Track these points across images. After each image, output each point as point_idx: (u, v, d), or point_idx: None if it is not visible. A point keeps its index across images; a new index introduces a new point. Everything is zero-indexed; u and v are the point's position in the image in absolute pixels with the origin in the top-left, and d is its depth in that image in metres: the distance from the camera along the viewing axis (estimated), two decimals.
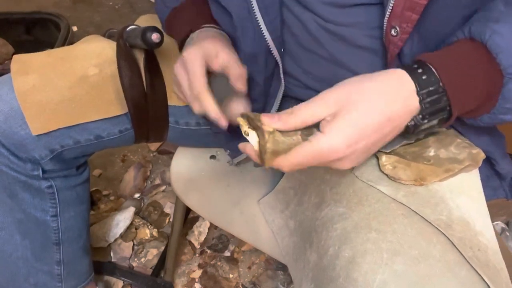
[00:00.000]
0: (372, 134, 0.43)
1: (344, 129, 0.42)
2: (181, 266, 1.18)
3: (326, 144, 0.42)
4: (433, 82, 0.43)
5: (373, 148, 0.46)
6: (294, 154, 0.44)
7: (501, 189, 0.64)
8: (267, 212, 0.69)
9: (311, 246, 0.54)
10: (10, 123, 0.63)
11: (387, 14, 0.50)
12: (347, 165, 0.45)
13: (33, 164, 0.68)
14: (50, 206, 0.75)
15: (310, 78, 0.64)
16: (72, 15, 2.02)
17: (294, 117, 0.44)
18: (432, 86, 0.43)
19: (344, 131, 0.42)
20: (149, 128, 0.71)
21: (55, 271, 0.82)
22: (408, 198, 0.51)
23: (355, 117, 0.42)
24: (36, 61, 0.66)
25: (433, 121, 0.45)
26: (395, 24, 0.50)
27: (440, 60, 0.45)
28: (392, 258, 0.44)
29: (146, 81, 0.67)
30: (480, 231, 0.49)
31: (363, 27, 0.56)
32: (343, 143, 0.42)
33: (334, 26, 0.57)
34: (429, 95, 0.44)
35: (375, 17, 0.55)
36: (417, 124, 0.45)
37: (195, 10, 0.65)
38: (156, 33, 0.60)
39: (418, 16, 0.48)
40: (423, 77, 0.44)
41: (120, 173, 1.41)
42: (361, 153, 0.44)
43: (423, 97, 0.43)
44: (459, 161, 0.53)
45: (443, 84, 0.43)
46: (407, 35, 0.50)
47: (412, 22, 0.48)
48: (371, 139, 0.43)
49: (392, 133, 0.45)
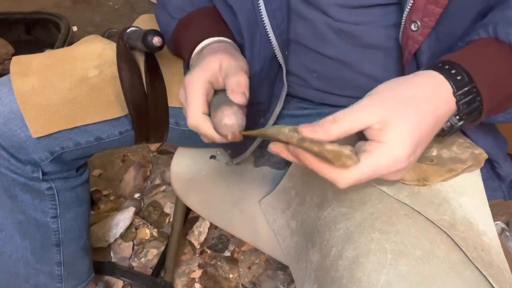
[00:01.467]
0: (425, 140, 0.42)
1: (404, 138, 0.40)
2: (181, 266, 1.18)
3: (390, 155, 0.40)
4: (468, 83, 0.43)
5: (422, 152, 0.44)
6: (354, 171, 0.40)
7: (499, 190, 0.64)
8: (268, 212, 0.69)
9: (313, 246, 0.54)
10: (10, 125, 0.63)
11: (408, 8, 0.49)
12: (400, 175, 0.43)
13: (33, 166, 0.68)
14: (50, 208, 0.75)
15: (314, 78, 0.63)
16: (72, 15, 2.02)
17: (337, 126, 0.40)
18: (467, 87, 0.43)
19: (405, 140, 0.40)
20: (149, 130, 0.71)
21: (55, 271, 0.81)
22: (411, 198, 0.50)
23: (411, 125, 0.40)
24: (35, 63, 0.66)
25: (467, 122, 0.45)
26: (416, 18, 0.49)
27: (469, 61, 0.44)
28: (396, 258, 0.44)
29: (146, 83, 0.67)
30: (484, 231, 0.49)
31: (377, 26, 0.56)
32: (406, 153, 0.40)
33: (345, 24, 0.56)
34: (465, 95, 0.43)
35: (390, 16, 0.54)
36: (452, 125, 0.45)
37: (206, 21, 0.62)
38: (158, 36, 0.59)
39: (441, 9, 0.47)
40: (458, 77, 0.43)
41: (120, 173, 1.41)
42: (414, 161, 0.43)
43: (460, 98, 0.43)
44: (462, 161, 0.53)
45: (477, 85, 0.43)
46: (429, 29, 0.49)
47: (435, 16, 0.48)
48: (424, 145, 0.42)
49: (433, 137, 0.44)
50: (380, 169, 0.40)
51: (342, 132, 0.40)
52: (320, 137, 0.39)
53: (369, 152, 0.40)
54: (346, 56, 0.59)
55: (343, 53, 0.59)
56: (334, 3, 0.55)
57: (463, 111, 0.44)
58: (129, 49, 0.66)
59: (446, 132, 0.46)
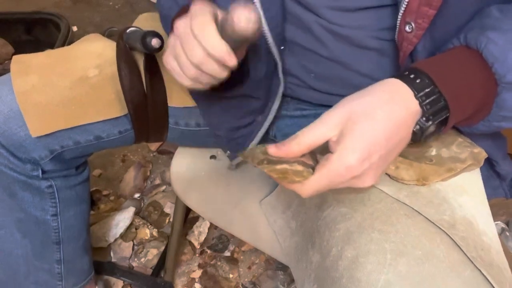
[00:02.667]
0: (384, 145, 0.42)
1: (353, 145, 0.41)
2: (181, 266, 1.18)
3: (340, 164, 0.41)
4: (428, 84, 0.43)
5: (389, 159, 0.45)
6: (311, 183, 0.43)
7: (500, 189, 0.64)
8: (269, 212, 0.69)
9: (313, 247, 0.54)
10: (10, 124, 0.63)
11: (402, 10, 0.49)
12: (367, 181, 0.44)
13: (32, 164, 0.68)
14: (50, 206, 0.75)
15: (312, 78, 0.63)
16: (72, 15, 2.01)
17: (298, 143, 0.43)
18: (427, 88, 0.43)
19: (354, 147, 0.41)
20: (149, 129, 0.71)
21: (55, 269, 0.82)
22: (410, 198, 0.50)
23: (361, 132, 0.42)
24: (36, 62, 0.66)
25: (436, 122, 0.45)
26: (410, 20, 0.49)
27: (432, 65, 0.45)
28: (396, 258, 0.44)
29: (146, 82, 0.67)
30: (483, 231, 0.49)
31: (371, 29, 0.56)
32: (355, 160, 0.41)
33: (339, 27, 0.56)
34: (427, 96, 0.43)
35: (385, 19, 0.54)
36: (422, 127, 0.45)
37: None
38: (156, 38, 0.59)
39: (435, 11, 0.47)
40: (417, 80, 0.44)
41: (120, 173, 1.41)
42: (377, 166, 0.44)
43: (422, 100, 0.43)
44: (461, 161, 0.53)
45: (437, 85, 0.43)
46: (422, 31, 0.49)
47: (428, 17, 0.48)
48: (383, 150, 0.43)
49: (403, 141, 0.45)
50: (335, 177, 0.42)
51: (304, 147, 0.43)
52: (284, 154, 0.43)
53: (323, 165, 0.42)
54: (342, 57, 0.59)
55: (339, 54, 0.59)
56: (327, 6, 0.55)
57: (428, 112, 0.44)
58: (129, 49, 0.66)
59: (418, 135, 0.45)
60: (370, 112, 0.42)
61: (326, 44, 0.58)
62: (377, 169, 0.44)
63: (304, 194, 0.44)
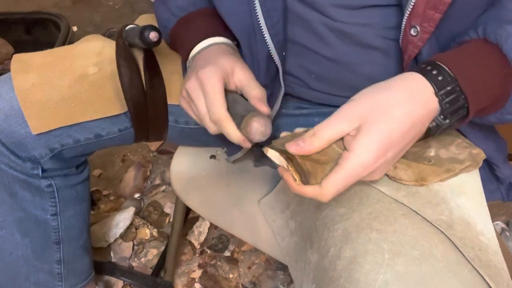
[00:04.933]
0: (398, 143, 0.43)
1: (370, 144, 0.42)
2: (181, 266, 1.18)
3: (357, 163, 0.42)
4: (450, 82, 0.43)
5: (401, 153, 0.46)
6: (330, 183, 0.43)
7: (498, 192, 0.64)
8: (268, 212, 0.69)
9: (312, 247, 0.54)
10: (10, 122, 0.63)
11: (407, 14, 0.49)
12: (377, 175, 0.45)
13: (32, 163, 0.68)
14: (50, 205, 0.75)
15: (312, 78, 0.63)
16: (72, 15, 2.01)
17: (318, 139, 0.44)
18: (449, 86, 0.43)
19: (371, 146, 0.42)
20: (148, 127, 0.71)
21: (55, 270, 0.82)
22: (409, 198, 0.50)
23: (379, 131, 0.42)
24: (36, 60, 0.66)
25: (453, 120, 0.45)
26: (415, 23, 0.49)
27: (454, 61, 0.44)
28: (394, 258, 0.44)
29: (145, 80, 0.67)
30: (481, 231, 0.49)
31: (377, 27, 0.55)
32: (372, 158, 0.42)
33: (344, 25, 0.56)
34: (448, 94, 0.43)
35: (391, 18, 0.54)
36: (439, 125, 0.45)
37: (206, 21, 0.63)
38: (154, 31, 0.59)
39: (441, 15, 0.47)
40: (439, 77, 0.43)
41: (120, 173, 1.41)
42: (390, 161, 0.45)
43: (442, 98, 0.43)
44: (460, 161, 0.53)
45: (460, 83, 0.43)
46: (428, 35, 0.49)
47: (434, 21, 0.48)
48: (398, 148, 0.44)
49: (416, 137, 0.45)
50: (351, 176, 0.43)
51: (323, 143, 0.44)
52: (304, 151, 0.44)
53: (340, 165, 0.43)
54: (345, 57, 0.59)
55: (342, 54, 0.59)
56: (332, 4, 0.55)
57: (447, 110, 0.44)
58: (128, 46, 0.66)
59: (433, 131, 0.46)
60: (389, 111, 0.42)
61: (330, 43, 0.58)
62: (389, 164, 0.45)
63: (324, 199, 0.44)
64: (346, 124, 0.43)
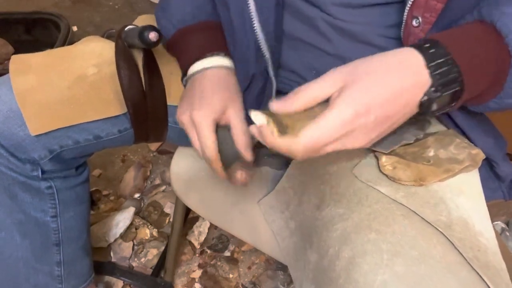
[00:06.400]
0: (383, 106, 0.42)
1: (351, 101, 0.41)
2: (181, 266, 1.18)
3: (336, 116, 0.41)
4: (442, 55, 0.43)
5: (386, 124, 0.44)
6: (305, 134, 0.42)
7: (499, 191, 0.64)
8: (267, 212, 0.69)
9: (311, 247, 0.54)
10: (9, 123, 0.63)
11: (409, 4, 0.49)
12: (358, 141, 0.44)
13: (32, 164, 0.68)
14: (50, 207, 0.75)
15: (313, 75, 0.63)
16: (72, 15, 2.01)
17: (300, 97, 0.44)
18: (441, 59, 0.43)
19: (351, 102, 0.41)
20: (148, 128, 0.71)
21: (56, 271, 0.82)
22: (407, 198, 0.50)
23: (361, 87, 0.41)
24: (35, 61, 0.66)
25: (446, 95, 0.44)
26: (418, 14, 0.49)
27: (447, 36, 0.44)
28: (393, 259, 0.44)
29: (145, 81, 0.67)
30: (480, 232, 0.49)
31: (377, 26, 0.56)
32: (350, 114, 0.41)
33: (344, 23, 0.56)
34: (439, 67, 0.43)
35: (391, 16, 0.54)
36: (430, 98, 0.43)
37: (204, 36, 0.64)
38: (154, 32, 0.60)
39: (442, 5, 0.47)
40: (431, 50, 0.43)
41: (120, 173, 1.41)
42: (372, 128, 0.43)
43: (433, 70, 0.42)
44: (459, 162, 0.53)
45: (453, 57, 0.43)
46: (430, 25, 0.49)
47: (436, 11, 0.48)
48: (382, 112, 0.42)
49: (406, 111, 0.44)
50: (329, 131, 0.42)
51: (305, 101, 0.44)
52: (286, 109, 0.44)
53: (318, 117, 0.42)
54: (346, 53, 0.59)
55: (343, 50, 0.59)
56: (332, 3, 0.55)
57: (438, 82, 0.43)
58: (128, 47, 0.66)
59: (425, 106, 0.44)
60: (374, 74, 0.42)
61: (331, 39, 0.58)
62: (371, 131, 0.44)
63: (298, 149, 0.42)
64: (329, 84, 0.43)
